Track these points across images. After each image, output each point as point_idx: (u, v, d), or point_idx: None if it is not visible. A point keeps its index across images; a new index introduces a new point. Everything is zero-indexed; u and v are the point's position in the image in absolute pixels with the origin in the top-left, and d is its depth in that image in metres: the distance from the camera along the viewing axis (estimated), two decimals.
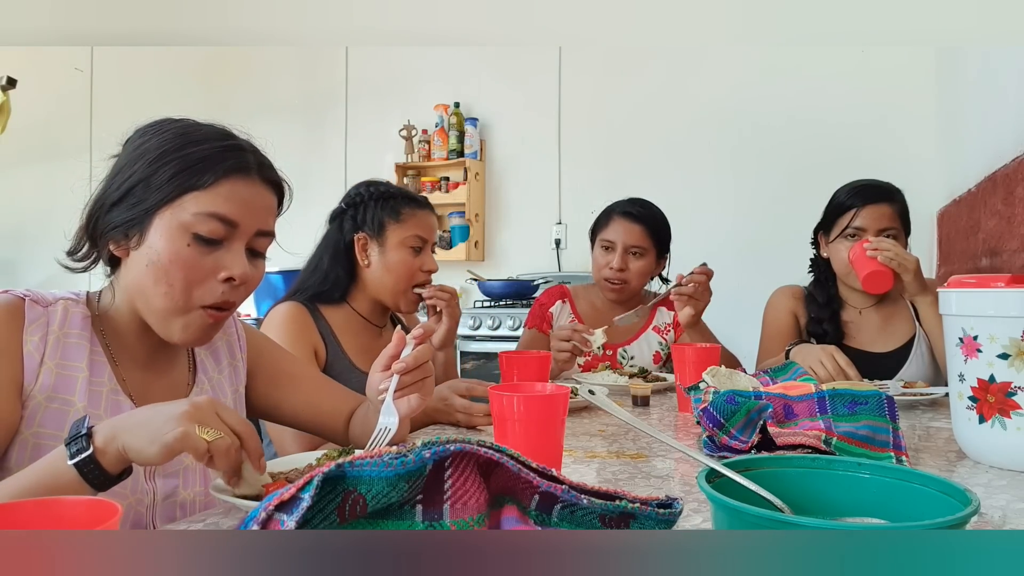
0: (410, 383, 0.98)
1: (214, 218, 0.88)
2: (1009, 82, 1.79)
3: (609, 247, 1.95)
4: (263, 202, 0.94)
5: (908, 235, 1.77)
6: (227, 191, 0.89)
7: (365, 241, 1.57)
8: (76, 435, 0.72)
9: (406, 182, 4.09)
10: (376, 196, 1.58)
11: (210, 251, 0.89)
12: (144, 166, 0.88)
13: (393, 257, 1.56)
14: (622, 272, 1.92)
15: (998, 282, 0.93)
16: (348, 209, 1.60)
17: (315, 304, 1.55)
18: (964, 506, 0.49)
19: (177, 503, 0.93)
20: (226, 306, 0.92)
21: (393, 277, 1.56)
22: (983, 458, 0.97)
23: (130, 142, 0.92)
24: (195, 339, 0.92)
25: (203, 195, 0.88)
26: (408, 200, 1.59)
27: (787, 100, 3.31)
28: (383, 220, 1.56)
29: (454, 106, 4.04)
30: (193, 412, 0.72)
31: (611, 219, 1.96)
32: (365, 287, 1.59)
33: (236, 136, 0.95)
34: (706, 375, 1.27)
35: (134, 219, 0.88)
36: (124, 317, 0.94)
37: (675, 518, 0.57)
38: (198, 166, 0.88)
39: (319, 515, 0.52)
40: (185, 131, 0.91)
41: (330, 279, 1.56)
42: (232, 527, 0.75)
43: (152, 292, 0.88)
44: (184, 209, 0.87)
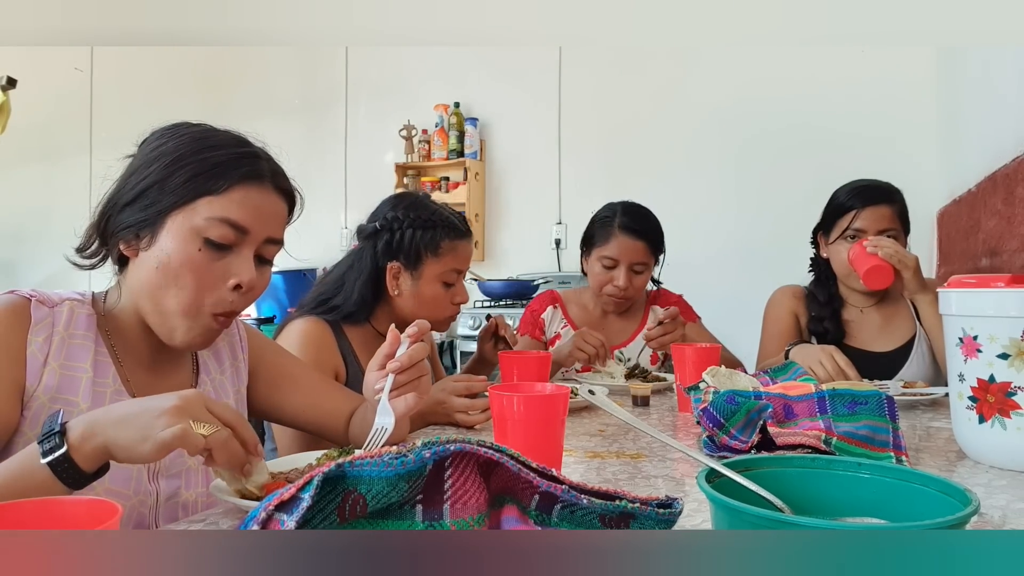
0: (405, 382, 0.98)
1: (226, 223, 0.88)
2: (1009, 82, 1.79)
3: (612, 265, 1.89)
4: (274, 210, 0.94)
5: (908, 235, 1.76)
6: (240, 197, 0.89)
7: (398, 270, 1.49)
8: (49, 432, 0.69)
9: (406, 182, 4.09)
10: (416, 224, 1.48)
11: (220, 256, 0.89)
12: (160, 168, 0.89)
13: (426, 291, 1.49)
14: (627, 290, 1.89)
15: (998, 282, 0.93)
16: (383, 232, 1.50)
17: (338, 323, 1.49)
18: (964, 506, 0.49)
19: (180, 504, 0.93)
20: (233, 314, 0.93)
21: (425, 311, 1.48)
22: (983, 458, 0.97)
23: (146, 143, 0.93)
24: (197, 343, 0.93)
25: (216, 200, 0.88)
26: (448, 231, 1.50)
27: (786, 100, 3.31)
28: (420, 252, 1.48)
29: (454, 106, 4.04)
30: (183, 406, 0.70)
31: (611, 234, 1.88)
32: (391, 312, 1.52)
33: (252, 144, 0.95)
34: (706, 375, 1.27)
35: (146, 220, 0.88)
36: (129, 318, 0.94)
37: (675, 518, 0.57)
38: (213, 171, 0.88)
39: (319, 515, 0.52)
40: (202, 136, 0.92)
41: (356, 301, 1.49)
42: (232, 527, 0.75)
43: (161, 294, 0.89)
44: (197, 213, 0.88)
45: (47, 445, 0.69)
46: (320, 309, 1.50)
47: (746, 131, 3.40)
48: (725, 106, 3.44)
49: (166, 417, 0.69)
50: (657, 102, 3.60)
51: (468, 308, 3.69)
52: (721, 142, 3.46)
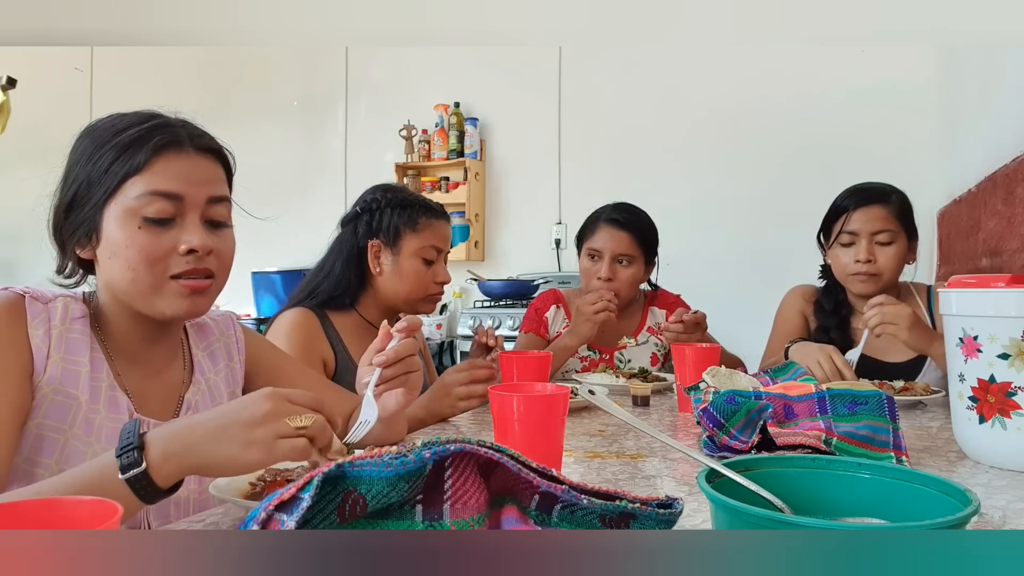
0: (392, 376, 0.98)
1: (157, 196, 0.88)
2: (1009, 82, 1.79)
3: (596, 256, 1.92)
4: (205, 171, 0.93)
5: (913, 238, 1.71)
6: (162, 167, 0.89)
7: (379, 248, 1.55)
8: (128, 446, 0.68)
9: (406, 182, 4.09)
10: (393, 203, 1.55)
11: (164, 231, 0.89)
12: (83, 165, 0.90)
13: (406, 266, 1.54)
14: (610, 282, 1.89)
15: (998, 282, 0.93)
16: (363, 214, 1.57)
17: (324, 311, 1.53)
18: (964, 506, 0.49)
19: (172, 500, 0.93)
20: (199, 274, 0.91)
21: (406, 287, 1.54)
22: (983, 458, 0.97)
23: (72, 148, 0.94)
24: (185, 310, 0.91)
25: (140, 178, 0.88)
26: (425, 209, 1.57)
27: (786, 100, 3.31)
28: (399, 228, 1.54)
29: (454, 106, 4.04)
30: (275, 409, 0.70)
31: (597, 227, 1.92)
32: (376, 294, 1.57)
33: (163, 114, 0.94)
34: (706, 375, 1.27)
35: (88, 219, 0.89)
36: (114, 315, 0.94)
37: (675, 518, 0.57)
38: (129, 151, 0.88)
39: (319, 515, 0.52)
40: (112, 123, 0.92)
41: (341, 284, 1.54)
42: (232, 527, 0.75)
43: (120, 279, 0.89)
44: (127, 195, 0.88)
45: (126, 460, 0.67)
46: (306, 298, 1.55)
47: (746, 131, 3.40)
48: (725, 106, 3.44)
49: (264, 426, 0.69)
50: (657, 101, 3.60)
51: (468, 308, 3.69)
52: (721, 142, 3.46)
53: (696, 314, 1.74)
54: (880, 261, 1.66)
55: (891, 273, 1.68)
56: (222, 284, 0.96)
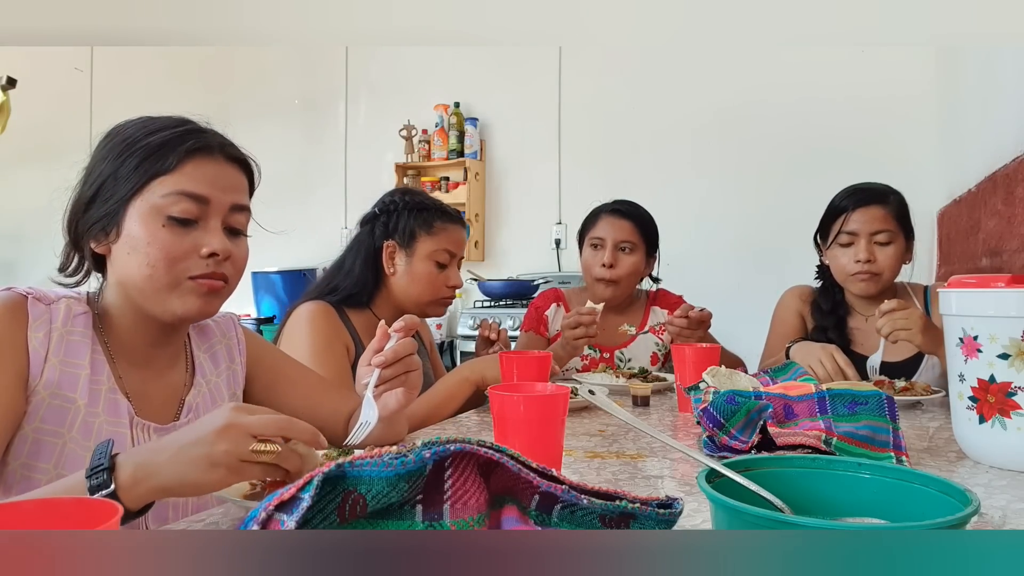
0: (391, 376, 0.99)
1: (184, 196, 0.89)
2: (1009, 82, 1.79)
3: (598, 244, 1.95)
4: (231, 179, 0.95)
5: (911, 238, 1.71)
6: (192, 170, 0.90)
7: (393, 249, 1.57)
8: (98, 467, 0.67)
9: (406, 182, 4.09)
10: (410, 206, 1.58)
11: (187, 231, 0.90)
12: (110, 162, 0.90)
13: (419, 268, 1.56)
14: (612, 268, 1.91)
15: (998, 282, 0.93)
16: (380, 215, 1.60)
17: (342, 307, 1.55)
18: (964, 506, 0.49)
19: (169, 502, 0.93)
20: (216, 277, 0.92)
21: (417, 288, 1.57)
22: (983, 458, 0.97)
23: (97, 147, 0.94)
24: (197, 310, 0.92)
25: (169, 178, 0.89)
26: (442, 213, 1.60)
27: (787, 100, 3.31)
28: (414, 230, 1.57)
29: (454, 106, 4.04)
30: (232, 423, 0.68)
31: (599, 218, 1.97)
32: (389, 294, 1.60)
33: (194, 121, 0.96)
34: (706, 375, 1.27)
35: (109, 213, 0.90)
36: (120, 315, 0.94)
37: (675, 518, 0.57)
38: (160, 151, 0.90)
39: (319, 515, 0.52)
40: (144, 124, 0.93)
41: (358, 282, 1.57)
42: (232, 527, 0.75)
43: (137, 275, 0.89)
44: (154, 193, 0.89)
45: (95, 481, 0.67)
46: (327, 294, 1.57)
47: (746, 131, 3.40)
48: (725, 106, 3.44)
49: (220, 445, 0.68)
50: (657, 102, 3.60)
51: (468, 308, 3.69)
52: (721, 142, 3.46)
53: (703, 311, 1.74)
54: (880, 261, 1.66)
55: (890, 273, 1.68)
56: (233, 289, 0.97)
